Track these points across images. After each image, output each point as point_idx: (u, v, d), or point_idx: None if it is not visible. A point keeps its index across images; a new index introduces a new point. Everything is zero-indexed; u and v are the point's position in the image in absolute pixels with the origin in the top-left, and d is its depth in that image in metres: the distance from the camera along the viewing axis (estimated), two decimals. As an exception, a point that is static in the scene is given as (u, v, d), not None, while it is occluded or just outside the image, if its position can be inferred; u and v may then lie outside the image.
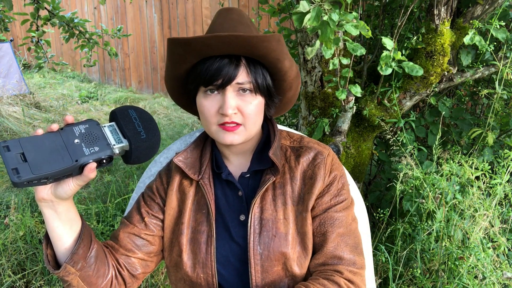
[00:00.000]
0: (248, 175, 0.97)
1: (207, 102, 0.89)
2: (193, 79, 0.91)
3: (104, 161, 0.76)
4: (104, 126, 0.79)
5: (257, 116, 0.91)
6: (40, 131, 0.75)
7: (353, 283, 0.86)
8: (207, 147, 1.01)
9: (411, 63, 1.62)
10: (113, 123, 0.81)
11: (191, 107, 1.04)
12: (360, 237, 0.95)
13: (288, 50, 0.99)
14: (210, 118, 0.89)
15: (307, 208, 0.91)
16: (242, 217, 0.93)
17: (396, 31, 1.66)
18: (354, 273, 0.88)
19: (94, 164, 0.74)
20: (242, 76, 0.87)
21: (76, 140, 0.75)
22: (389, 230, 1.74)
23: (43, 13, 2.48)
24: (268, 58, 0.88)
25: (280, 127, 1.12)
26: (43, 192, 0.76)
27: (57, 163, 0.72)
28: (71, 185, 0.76)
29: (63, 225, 0.81)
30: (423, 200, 1.64)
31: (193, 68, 0.91)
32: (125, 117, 0.81)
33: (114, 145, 0.77)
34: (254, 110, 0.89)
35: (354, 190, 1.14)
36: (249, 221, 0.90)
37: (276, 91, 0.97)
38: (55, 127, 0.76)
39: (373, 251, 1.70)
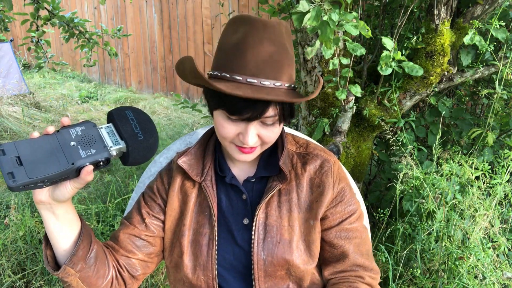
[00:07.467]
0: (253, 180, 0.97)
1: (227, 125, 0.84)
2: (216, 99, 0.83)
3: (101, 163, 0.74)
4: (101, 128, 0.78)
5: (275, 138, 0.89)
6: (36, 134, 0.74)
7: (373, 287, 0.92)
8: (210, 149, 1.00)
9: (411, 63, 1.61)
10: (110, 124, 0.79)
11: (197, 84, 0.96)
12: (370, 244, 0.98)
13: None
14: (227, 138, 0.86)
15: (316, 216, 0.92)
16: (246, 221, 0.93)
17: (396, 31, 1.66)
18: (373, 278, 0.93)
19: (91, 167, 0.73)
20: (270, 111, 0.81)
21: (72, 143, 0.73)
22: (389, 230, 1.74)
23: (43, 13, 2.47)
24: None
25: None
26: (41, 195, 0.76)
27: (53, 167, 0.70)
28: (68, 188, 0.75)
29: (62, 227, 0.81)
30: (423, 200, 1.64)
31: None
32: (122, 118, 0.79)
33: (111, 147, 0.76)
34: (274, 137, 0.88)
35: (354, 191, 1.14)
36: (253, 226, 0.90)
37: None
38: (51, 129, 0.74)
39: (373, 251, 1.70)
